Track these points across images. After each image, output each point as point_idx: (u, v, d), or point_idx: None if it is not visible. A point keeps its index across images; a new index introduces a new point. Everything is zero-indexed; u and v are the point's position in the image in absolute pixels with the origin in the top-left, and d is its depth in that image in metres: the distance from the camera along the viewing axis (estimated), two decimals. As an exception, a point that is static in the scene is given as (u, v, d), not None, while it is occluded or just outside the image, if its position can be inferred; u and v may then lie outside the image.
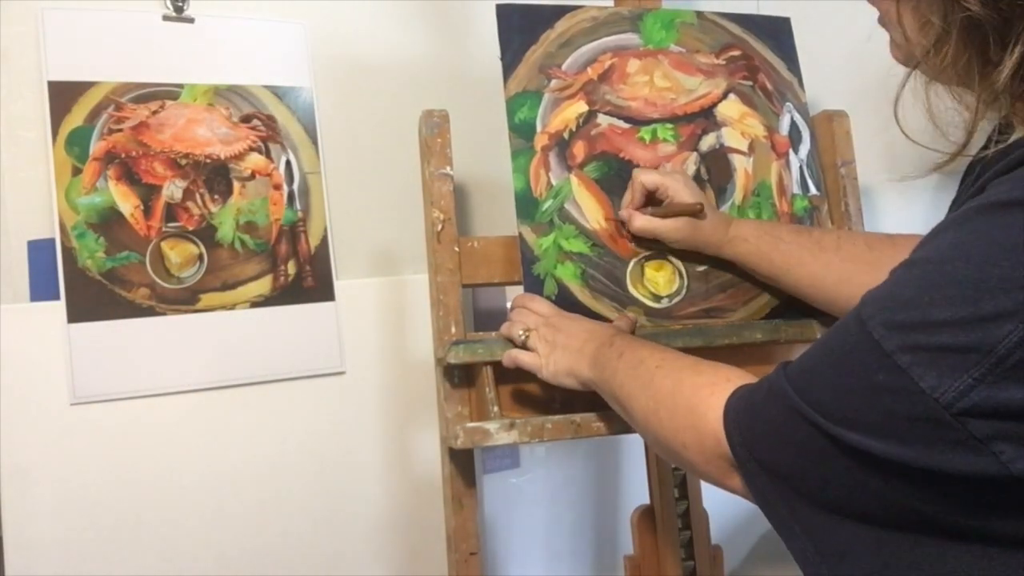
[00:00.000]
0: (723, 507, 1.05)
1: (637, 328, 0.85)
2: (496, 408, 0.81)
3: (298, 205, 0.97)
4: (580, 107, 0.92)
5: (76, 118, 0.88)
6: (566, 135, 0.91)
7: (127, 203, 0.89)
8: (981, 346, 0.36)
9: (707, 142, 0.95)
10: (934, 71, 0.45)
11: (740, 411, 0.52)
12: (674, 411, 0.58)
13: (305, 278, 0.97)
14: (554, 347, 0.77)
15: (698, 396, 0.56)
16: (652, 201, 0.88)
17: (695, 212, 0.85)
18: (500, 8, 0.92)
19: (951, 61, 0.42)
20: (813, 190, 0.98)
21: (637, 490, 1.17)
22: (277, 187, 0.96)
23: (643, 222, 0.86)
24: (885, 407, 0.40)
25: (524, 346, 0.80)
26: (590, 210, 0.89)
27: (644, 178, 0.86)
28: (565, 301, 0.85)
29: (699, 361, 0.62)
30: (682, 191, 0.85)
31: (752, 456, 0.49)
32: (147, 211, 0.90)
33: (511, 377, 0.83)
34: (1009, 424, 0.37)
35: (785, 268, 0.82)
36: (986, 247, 0.38)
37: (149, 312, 0.89)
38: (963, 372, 0.37)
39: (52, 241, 0.85)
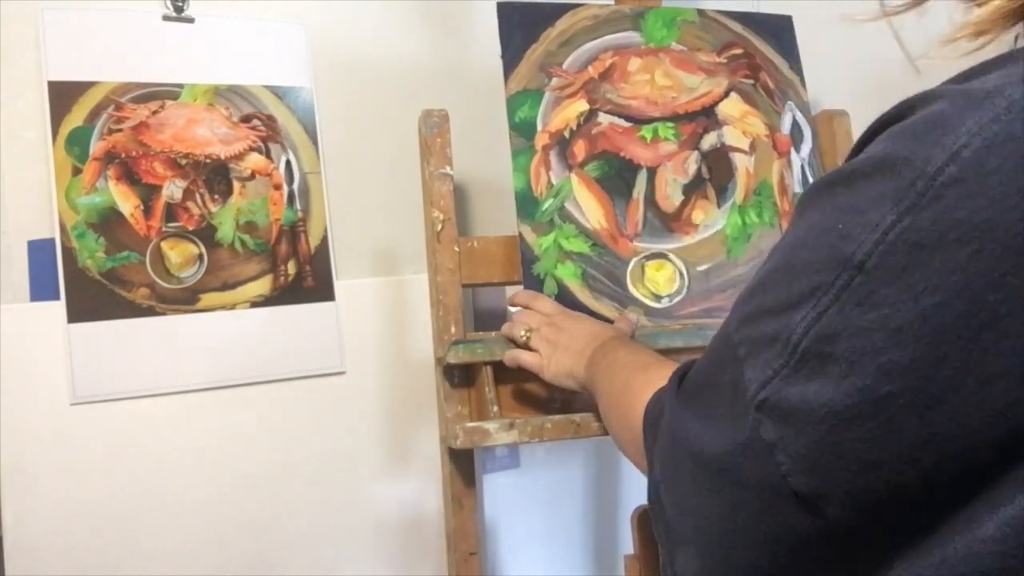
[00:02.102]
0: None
1: (638, 328, 0.85)
2: (496, 408, 0.81)
3: (298, 205, 0.97)
4: (581, 106, 0.92)
5: (76, 118, 0.88)
6: (567, 134, 0.90)
7: (127, 203, 0.89)
8: (782, 334, 0.34)
9: (708, 141, 0.94)
10: None
11: (649, 411, 0.51)
12: (620, 410, 0.59)
13: (305, 278, 0.97)
14: (556, 347, 0.77)
15: (638, 396, 0.55)
16: None
17: None
18: (501, 6, 0.91)
19: None
20: (815, 189, 0.97)
21: (637, 490, 1.17)
22: (277, 187, 0.96)
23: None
24: (724, 407, 0.37)
25: (526, 346, 0.80)
26: (590, 209, 0.89)
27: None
28: (565, 301, 0.85)
29: (656, 360, 0.62)
30: None
31: (656, 459, 0.47)
32: (147, 211, 0.90)
33: (511, 377, 0.83)
34: (790, 431, 0.33)
35: None
36: (804, 229, 0.36)
37: (149, 312, 0.89)
38: (768, 363, 0.34)
39: (52, 241, 0.85)
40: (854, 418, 0.31)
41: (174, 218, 0.91)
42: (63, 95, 0.87)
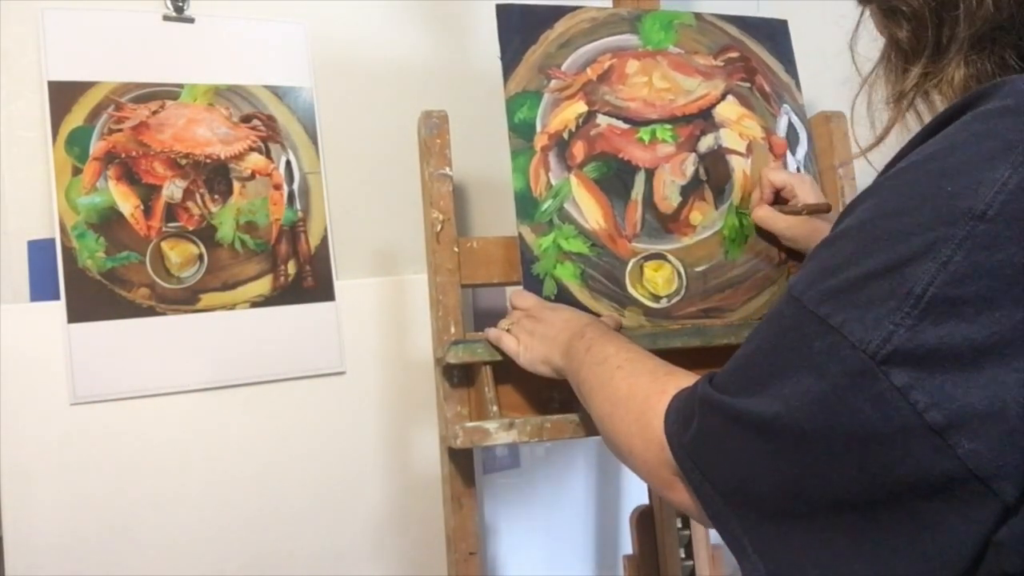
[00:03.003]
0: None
1: (637, 328, 0.85)
2: (495, 408, 0.82)
3: (298, 205, 0.98)
4: (579, 107, 0.92)
5: (76, 118, 0.88)
6: (565, 135, 0.91)
7: (127, 203, 0.89)
8: (899, 290, 0.37)
9: (705, 143, 0.95)
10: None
11: (678, 421, 0.51)
12: (625, 415, 0.57)
13: (305, 278, 0.97)
14: (532, 335, 0.78)
15: (648, 402, 0.55)
16: (778, 200, 0.91)
17: (823, 211, 0.87)
18: (500, 8, 0.92)
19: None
20: (811, 191, 0.98)
21: (637, 490, 1.17)
22: (277, 187, 0.96)
23: (765, 214, 0.89)
24: (822, 374, 0.39)
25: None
26: (589, 210, 0.90)
27: (772, 176, 0.90)
28: (565, 301, 0.85)
29: (660, 365, 0.61)
30: (809, 193, 0.88)
31: (696, 467, 0.48)
32: (147, 211, 0.90)
33: (510, 377, 0.83)
34: (924, 372, 0.36)
35: None
36: (896, 200, 0.40)
37: (149, 312, 0.89)
38: (885, 319, 0.37)
39: (52, 241, 0.85)
40: (988, 349, 0.35)
41: (174, 218, 0.91)
42: (63, 95, 0.87)
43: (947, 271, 0.36)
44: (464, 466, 0.87)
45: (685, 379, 0.55)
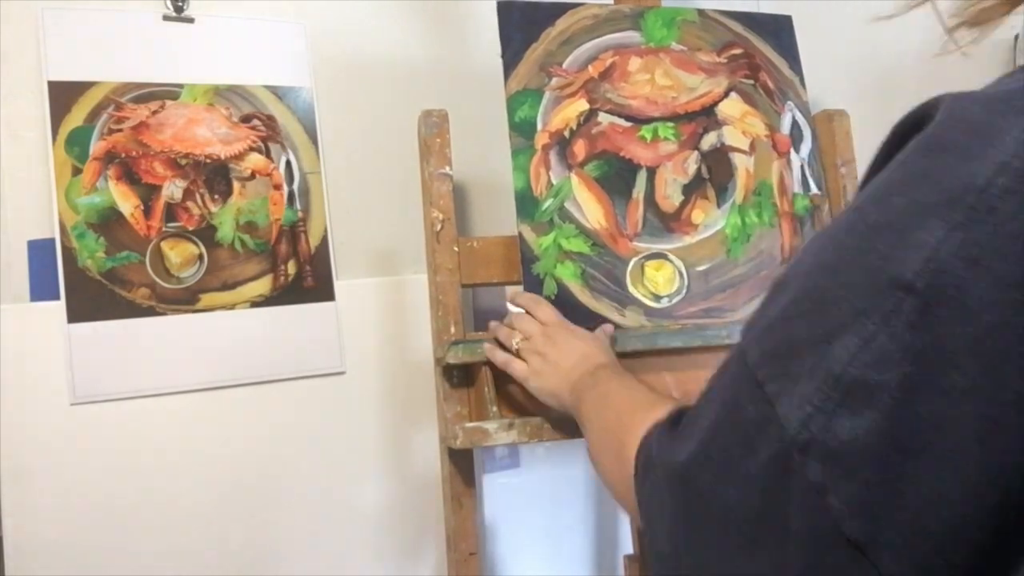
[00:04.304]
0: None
1: (638, 328, 0.85)
2: (495, 408, 0.81)
3: (298, 205, 0.97)
4: (581, 105, 0.92)
5: (76, 118, 0.88)
6: (567, 133, 0.90)
7: (127, 203, 0.89)
8: (819, 367, 0.31)
9: (708, 141, 0.94)
10: None
11: (641, 458, 0.46)
12: (610, 450, 0.56)
13: (305, 278, 0.97)
14: (545, 361, 0.76)
15: (629, 435, 0.51)
16: None
17: None
18: (501, 6, 0.91)
19: None
20: (814, 189, 0.97)
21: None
22: (277, 187, 0.96)
23: None
24: (749, 445, 0.34)
25: (518, 354, 0.79)
26: (590, 209, 0.89)
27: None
28: (565, 301, 0.85)
29: (656, 401, 0.58)
30: None
31: (644, 516, 0.44)
32: (147, 211, 0.90)
33: (510, 377, 0.82)
34: (840, 471, 0.30)
35: None
36: (834, 252, 0.33)
37: (149, 312, 0.89)
38: (807, 400, 0.31)
39: (52, 241, 0.85)
40: (911, 450, 0.29)
41: (174, 218, 0.91)
42: (63, 95, 0.87)
43: (869, 350, 0.30)
44: (464, 466, 0.87)
45: (659, 412, 0.51)
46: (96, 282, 0.87)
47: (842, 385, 0.30)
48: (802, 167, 0.97)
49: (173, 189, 0.91)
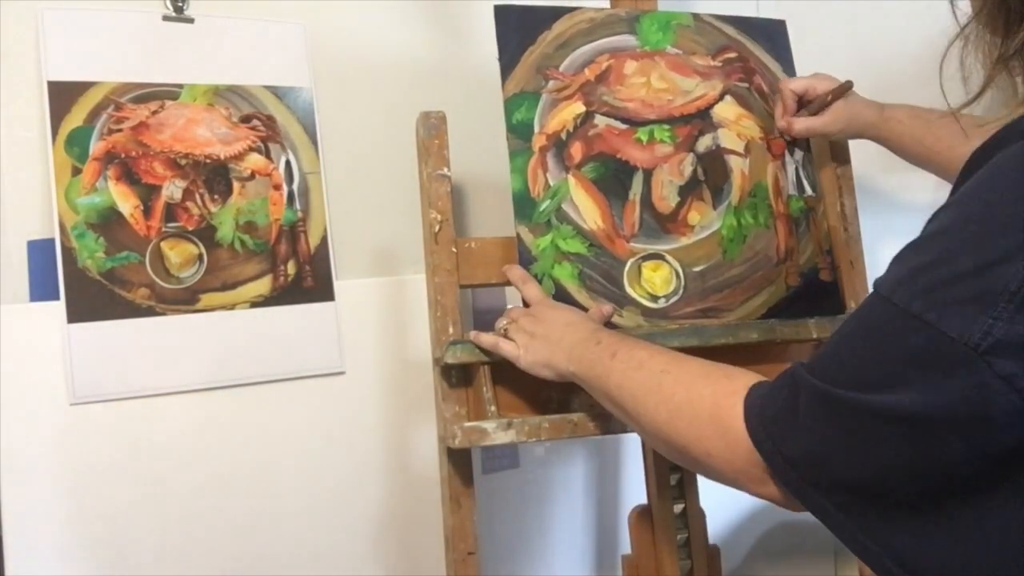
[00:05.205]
0: (720, 507, 1.05)
1: (635, 329, 0.85)
2: (493, 408, 0.82)
3: (298, 205, 0.98)
4: (577, 108, 0.92)
5: (76, 118, 0.88)
6: (564, 136, 0.91)
7: (127, 203, 0.89)
8: (995, 287, 0.40)
9: (703, 143, 0.95)
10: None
11: (767, 419, 0.52)
12: (694, 420, 0.58)
13: (305, 278, 0.97)
14: (532, 337, 0.78)
15: (721, 406, 0.56)
16: (801, 106, 0.96)
17: (846, 89, 0.92)
18: (498, 9, 0.92)
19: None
20: (809, 191, 0.98)
21: (635, 490, 1.17)
22: (277, 187, 0.97)
23: (804, 124, 0.94)
24: (923, 365, 0.42)
25: (505, 336, 0.81)
26: (587, 210, 0.90)
27: (792, 85, 0.95)
28: (562, 301, 0.86)
29: (704, 364, 0.62)
30: (826, 84, 0.93)
31: (793, 468, 0.49)
32: (147, 211, 0.90)
33: (508, 377, 0.83)
34: None
35: (936, 150, 0.89)
36: (982, 207, 0.43)
37: (149, 312, 0.89)
38: (983, 314, 0.40)
39: (52, 241, 0.86)
40: None
41: (174, 218, 0.91)
42: (63, 95, 0.87)
43: None
44: (462, 466, 0.87)
45: (746, 376, 0.57)
46: (96, 282, 0.87)
47: (1018, 298, 0.39)
48: (796, 169, 0.99)
49: (173, 189, 0.92)
